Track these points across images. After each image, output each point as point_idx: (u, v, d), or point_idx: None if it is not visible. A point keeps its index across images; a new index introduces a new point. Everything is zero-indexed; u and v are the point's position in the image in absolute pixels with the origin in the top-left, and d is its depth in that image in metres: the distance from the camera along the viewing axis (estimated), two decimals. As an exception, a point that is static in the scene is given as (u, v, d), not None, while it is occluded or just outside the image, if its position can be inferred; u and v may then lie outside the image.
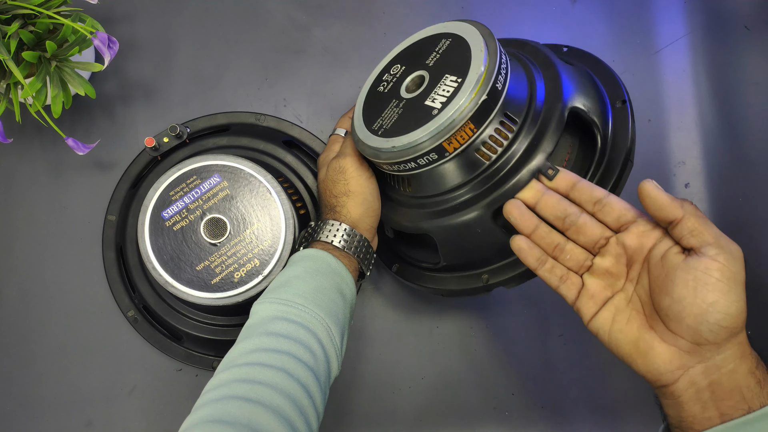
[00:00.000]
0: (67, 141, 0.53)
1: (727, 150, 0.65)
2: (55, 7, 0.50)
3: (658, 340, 0.39)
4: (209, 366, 0.59)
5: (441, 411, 0.60)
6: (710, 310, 0.39)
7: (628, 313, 0.41)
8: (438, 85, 0.45)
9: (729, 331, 0.39)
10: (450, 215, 0.47)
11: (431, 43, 0.49)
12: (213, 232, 0.50)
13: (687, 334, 0.38)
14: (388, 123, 0.47)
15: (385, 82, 0.50)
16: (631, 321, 0.41)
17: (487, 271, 0.49)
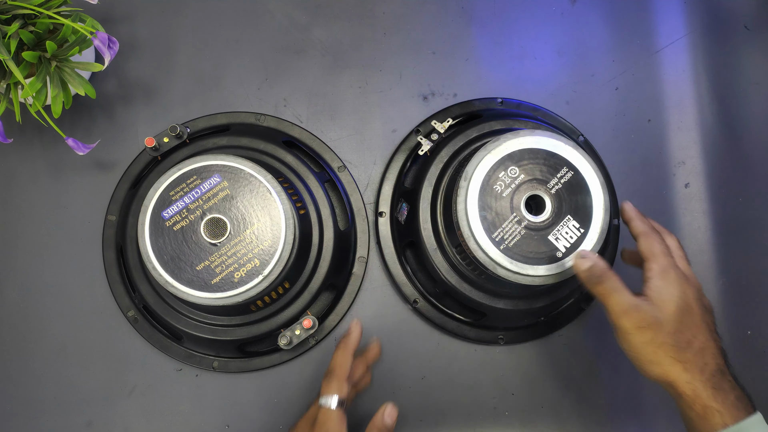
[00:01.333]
0: (67, 141, 0.53)
1: (727, 150, 0.65)
2: (55, 7, 0.50)
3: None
4: (209, 366, 0.59)
5: (441, 411, 0.60)
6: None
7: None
8: (561, 223, 0.50)
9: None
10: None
11: (553, 164, 0.51)
12: (213, 232, 0.50)
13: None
14: (509, 239, 0.49)
15: (502, 182, 0.50)
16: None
17: (503, 335, 0.60)
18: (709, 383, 0.42)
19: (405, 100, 0.64)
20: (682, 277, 0.46)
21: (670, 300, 0.44)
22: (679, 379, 0.43)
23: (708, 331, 0.44)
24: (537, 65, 0.65)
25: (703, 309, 0.46)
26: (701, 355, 0.43)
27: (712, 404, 0.42)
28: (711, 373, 0.42)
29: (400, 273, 0.60)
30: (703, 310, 0.46)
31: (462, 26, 0.65)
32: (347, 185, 0.62)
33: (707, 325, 0.45)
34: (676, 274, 0.45)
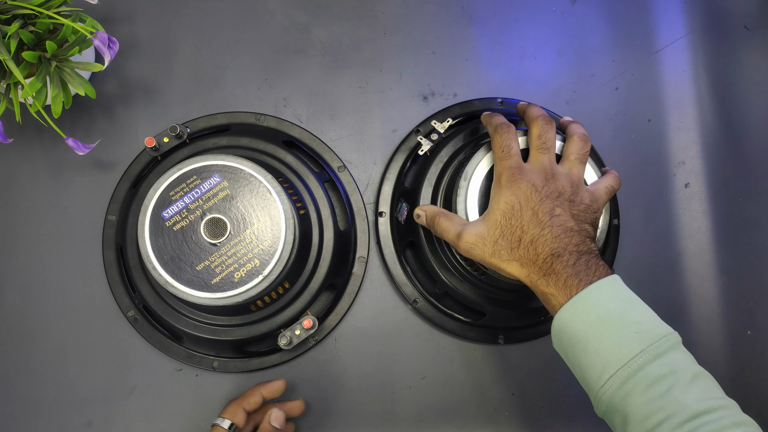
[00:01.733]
0: (67, 141, 0.53)
1: (727, 150, 0.65)
2: (55, 7, 0.50)
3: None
4: (209, 366, 0.59)
5: (441, 411, 0.60)
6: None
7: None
8: None
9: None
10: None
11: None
12: (213, 232, 0.50)
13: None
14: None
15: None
16: None
17: (503, 335, 0.60)
18: (541, 271, 0.44)
19: (405, 100, 0.64)
20: (512, 177, 0.47)
21: (495, 209, 0.47)
22: (519, 274, 0.45)
23: (544, 219, 0.45)
24: (537, 65, 0.65)
25: (541, 198, 0.46)
26: (532, 247, 0.44)
27: (545, 290, 0.44)
28: (543, 260, 0.44)
29: (400, 273, 0.60)
30: (543, 198, 0.46)
31: (462, 26, 0.65)
32: (347, 185, 0.62)
33: (547, 213, 0.45)
34: (507, 178, 0.47)
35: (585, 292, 0.42)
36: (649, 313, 0.43)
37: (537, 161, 0.48)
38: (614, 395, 0.40)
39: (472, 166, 0.50)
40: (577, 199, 0.47)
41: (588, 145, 0.50)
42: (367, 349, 0.60)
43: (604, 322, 0.41)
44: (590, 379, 0.41)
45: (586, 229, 0.46)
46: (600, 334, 0.41)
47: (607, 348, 0.40)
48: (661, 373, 0.39)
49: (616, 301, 0.42)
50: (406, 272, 0.61)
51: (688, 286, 0.63)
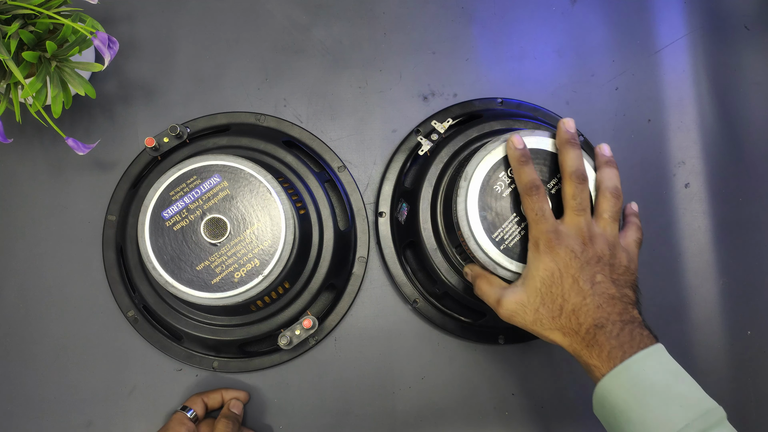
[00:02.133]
0: (67, 141, 0.53)
1: (727, 150, 0.65)
2: (55, 7, 0.50)
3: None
4: (209, 366, 0.59)
5: (441, 411, 0.60)
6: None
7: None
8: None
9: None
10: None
11: (553, 165, 0.50)
12: (213, 232, 0.50)
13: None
14: (509, 239, 0.49)
15: (502, 182, 0.50)
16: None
17: (503, 335, 0.60)
18: (584, 342, 0.43)
19: (405, 100, 0.64)
20: (549, 243, 0.45)
21: (535, 276, 0.46)
22: (562, 343, 0.45)
23: (586, 287, 0.44)
24: (537, 65, 0.65)
25: (581, 264, 0.45)
26: (574, 316, 0.44)
27: (588, 361, 0.43)
28: (585, 331, 0.43)
29: (400, 273, 0.60)
30: (583, 264, 0.45)
31: (462, 26, 0.65)
32: (347, 185, 0.62)
33: (588, 280, 0.44)
34: (545, 243, 0.45)
35: (629, 362, 0.41)
36: (693, 385, 0.42)
37: (573, 224, 0.46)
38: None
39: (473, 166, 0.50)
40: (616, 262, 0.46)
41: (620, 201, 0.49)
42: (367, 349, 0.60)
43: (648, 394, 0.40)
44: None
45: (627, 295, 0.45)
46: (644, 407, 0.40)
47: (651, 420, 0.40)
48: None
49: (661, 372, 0.42)
50: (406, 272, 0.61)
51: (688, 286, 0.63)
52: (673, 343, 0.61)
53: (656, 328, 0.59)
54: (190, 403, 0.56)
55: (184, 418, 0.54)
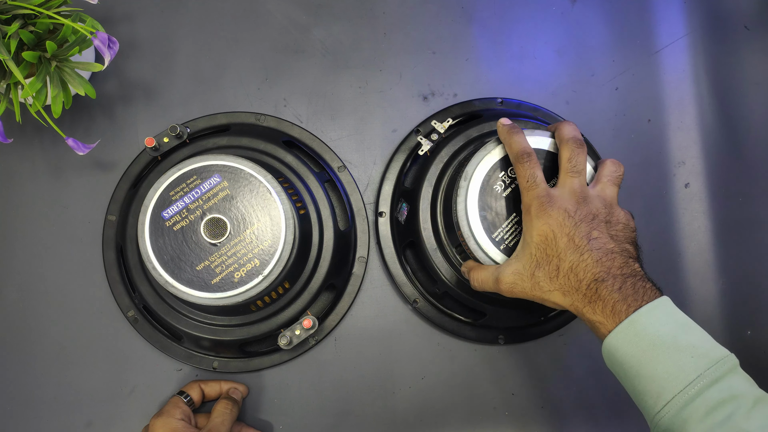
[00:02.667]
0: (67, 141, 0.53)
1: (727, 150, 0.65)
2: (55, 7, 0.50)
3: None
4: (209, 366, 0.59)
5: (441, 411, 0.60)
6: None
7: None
8: None
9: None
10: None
11: (553, 164, 0.50)
12: (213, 232, 0.50)
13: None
14: (509, 239, 0.50)
15: (502, 182, 0.50)
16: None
17: (503, 335, 0.60)
18: (586, 298, 0.42)
19: (405, 100, 0.64)
20: (541, 207, 0.45)
21: (529, 242, 0.45)
22: (563, 303, 0.44)
23: (582, 243, 0.43)
24: (537, 65, 0.65)
25: (576, 223, 0.44)
26: (573, 274, 0.43)
27: (592, 317, 0.42)
28: (586, 286, 0.42)
29: (400, 273, 0.60)
30: (578, 222, 0.44)
31: (462, 26, 0.65)
32: (347, 185, 0.62)
33: (583, 237, 0.43)
34: (536, 207, 0.45)
35: (635, 315, 0.40)
36: (703, 335, 0.41)
37: (567, 185, 0.46)
38: (672, 422, 0.39)
39: (473, 165, 0.50)
40: (613, 219, 0.46)
41: (621, 169, 0.48)
42: (367, 349, 0.60)
43: (657, 347, 0.40)
44: (646, 404, 0.40)
45: (627, 249, 0.44)
46: (653, 360, 0.40)
47: (661, 374, 0.39)
48: (721, 399, 0.37)
49: (668, 324, 0.40)
50: (406, 272, 0.61)
51: (688, 286, 0.63)
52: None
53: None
54: (187, 388, 0.56)
55: (179, 401, 0.54)
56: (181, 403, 0.54)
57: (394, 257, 0.61)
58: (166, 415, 0.52)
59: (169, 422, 0.51)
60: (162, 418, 0.52)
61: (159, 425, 0.51)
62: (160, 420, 0.52)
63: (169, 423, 0.51)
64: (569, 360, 0.61)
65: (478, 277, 0.49)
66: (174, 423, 0.51)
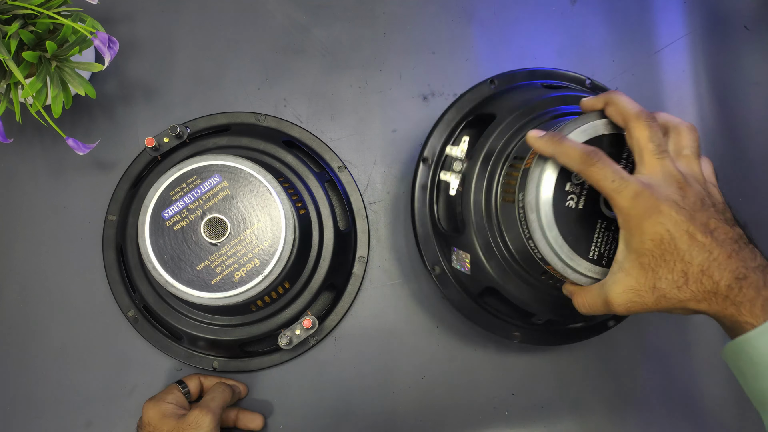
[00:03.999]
0: (68, 141, 0.53)
1: (727, 150, 0.65)
2: (55, 7, 0.50)
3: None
4: (209, 366, 0.59)
5: (441, 411, 0.60)
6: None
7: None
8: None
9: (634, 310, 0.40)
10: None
11: (614, 148, 0.43)
12: (213, 232, 0.50)
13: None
14: (607, 249, 0.43)
15: (573, 195, 0.43)
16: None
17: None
18: (728, 300, 0.37)
19: (405, 100, 0.64)
20: (645, 202, 0.37)
21: (637, 250, 0.38)
22: (699, 309, 0.38)
23: (706, 239, 0.37)
24: (537, 65, 0.65)
25: (690, 214, 0.38)
26: (707, 276, 0.37)
27: (739, 319, 0.37)
28: (726, 288, 0.37)
29: (482, 320, 0.54)
30: (692, 213, 0.38)
31: (462, 26, 0.65)
32: (347, 185, 0.62)
33: (703, 230, 0.37)
34: (640, 207, 0.37)
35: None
36: None
37: (660, 170, 0.39)
38: None
39: (532, 193, 0.42)
40: (715, 201, 0.39)
41: (698, 134, 0.42)
42: (367, 349, 0.60)
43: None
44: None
45: (742, 236, 0.39)
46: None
47: None
48: None
49: None
50: (488, 311, 0.54)
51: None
52: (673, 343, 0.62)
53: (656, 328, 0.60)
54: (187, 379, 0.56)
55: (175, 388, 0.55)
56: (177, 390, 0.55)
57: (471, 308, 0.54)
58: (157, 398, 0.53)
59: (159, 405, 0.52)
60: (153, 401, 0.52)
61: (149, 407, 0.52)
62: (151, 402, 0.52)
63: (159, 405, 0.52)
64: (569, 360, 0.61)
65: (584, 302, 0.42)
66: (163, 405, 0.52)
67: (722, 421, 0.61)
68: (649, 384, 0.61)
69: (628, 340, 0.62)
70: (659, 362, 0.61)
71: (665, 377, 0.61)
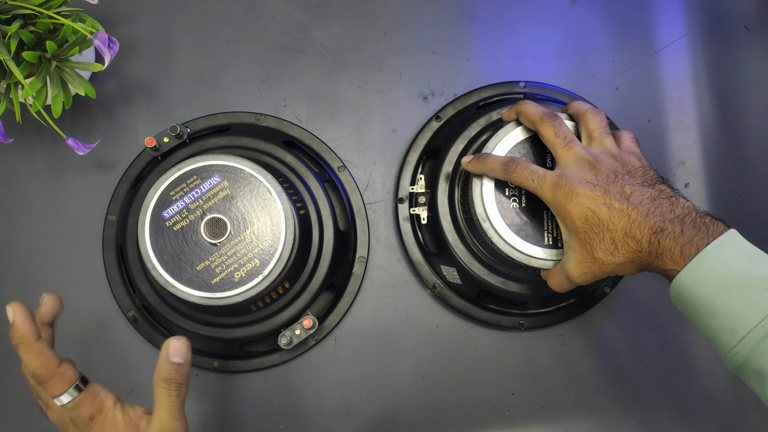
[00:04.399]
0: (68, 141, 0.53)
1: (727, 150, 0.65)
2: (55, 7, 0.50)
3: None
4: (209, 366, 0.59)
5: (441, 411, 0.60)
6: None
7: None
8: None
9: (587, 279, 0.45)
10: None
11: (537, 146, 0.50)
12: (213, 232, 0.50)
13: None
14: (557, 234, 0.49)
15: (515, 196, 0.50)
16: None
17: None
18: (652, 254, 0.41)
19: (405, 100, 0.64)
20: (562, 189, 0.43)
21: (573, 230, 0.44)
22: (633, 270, 0.43)
23: (623, 206, 0.42)
24: (537, 65, 0.65)
25: (605, 188, 0.42)
26: (630, 237, 0.41)
27: (666, 267, 0.41)
28: (648, 243, 0.41)
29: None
30: (606, 187, 0.43)
31: (462, 26, 0.65)
32: (347, 185, 0.62)
33: (619, 198, 0.42)
34: (559, 193, 0.43)
35: (702, 254, 0.39)
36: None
37: (570, 158, 0.45)
38: (749, 355, 0.38)
39: (479, 206, 0.49)
40: (630, 169, 0.44)
41: (603, 115, 0.47)
42: (367, 349, 0.60)
43: (728, 283, 0.38)
44: (720, 340, 0.39)
45: (663, 190, 0.42)
46: (726, 296, 0.38)
47: (736, 309, 0.38)
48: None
49: (738, 258, 0.39)
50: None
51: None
52: (673, 343, 0.62)
53: (657, 329, 0.60)
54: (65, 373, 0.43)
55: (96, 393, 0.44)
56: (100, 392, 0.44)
57: (475, 311, 0.60)
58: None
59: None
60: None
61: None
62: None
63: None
64: (569, 360, 0.61)
65: (555, 282, 0.48)
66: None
67: (722, 421, 0.61)
68: (649, 383, 0.61)
69: (627, 340, 0.62)
70: (659, 362, 0.61)
71: (665, 377, 0.61)
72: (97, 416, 0.43)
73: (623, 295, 0.62)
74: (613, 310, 0.62)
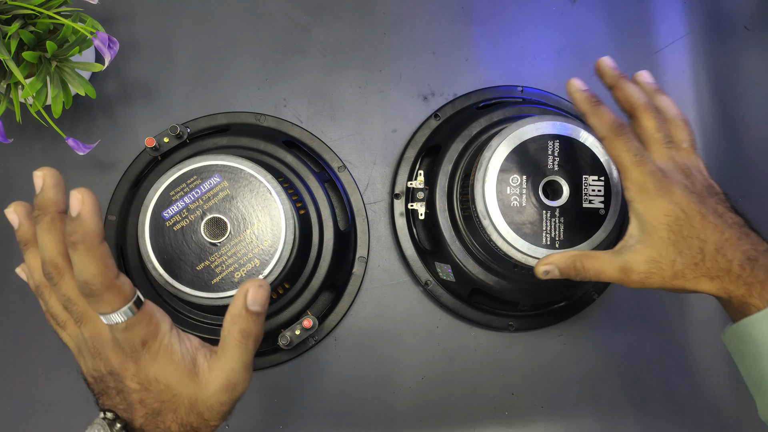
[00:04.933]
0: (68, 141, 0.53)
1: (727, 150, 0.65)
2: (55, 7, 0.50)
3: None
4: (209, 366, 0.59)
5: (441, 411, 0.60)
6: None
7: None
8: (584, 186, 0.50)
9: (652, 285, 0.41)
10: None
11: (540, 147, 0.50)
12: (213, 232, 0.50)
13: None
14: (557, 234, 0.49)
15: (515, 195, 0.49)
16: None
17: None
18: (740, 279, 0.38)
19: (405, 100, 0.64)
20: (661, 183, 0.40)
21: (656, 225, 0.39)
22: (710, 289, 0.39)
23: (717, 221, 0.39)
24: (537, 65, 0.65)
25: (700, 198, 0.40)
26: (721, 255, 0.38)
27: (748, 300, 0.38)
28: (738, 267, 0.38)
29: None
30: (702, 197, 0.40)
31: (462, 26, 0.65)
32: (347, 185, 0.62)
33: (713, 213, 0.40)
34: (655, 185, 0.40)
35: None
36: None
37: (668, 158, 0.42)
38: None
39: (480, 203, 0.49)
40: (715, 190, 0.42)
41: (690, 127, 0.45)
42: (367, 349, 0.60)
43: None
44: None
45: (744, 221, 0.40)
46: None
47: None
48: None
49: None
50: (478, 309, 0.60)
51: (688, 286, 0.63)
52: (673, 343, 0.62)
53: (657, 328, 0.60)
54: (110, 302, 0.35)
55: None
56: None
57: (465, 310, 0.60)
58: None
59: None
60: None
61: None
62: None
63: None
64: (569, 360, 0.61)
65: (592, 267, 0.42)
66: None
67: (722, 421, 0.61)
68: (648, 383, 0.61)
69: (627, 341, 0.62)
70: (659, 362, 0.61)
71: (665, 376, 0.61)
72: (151, 342, 0.36)
73: (623, 296, 0.62)
74: (613, 311, 0.62)
